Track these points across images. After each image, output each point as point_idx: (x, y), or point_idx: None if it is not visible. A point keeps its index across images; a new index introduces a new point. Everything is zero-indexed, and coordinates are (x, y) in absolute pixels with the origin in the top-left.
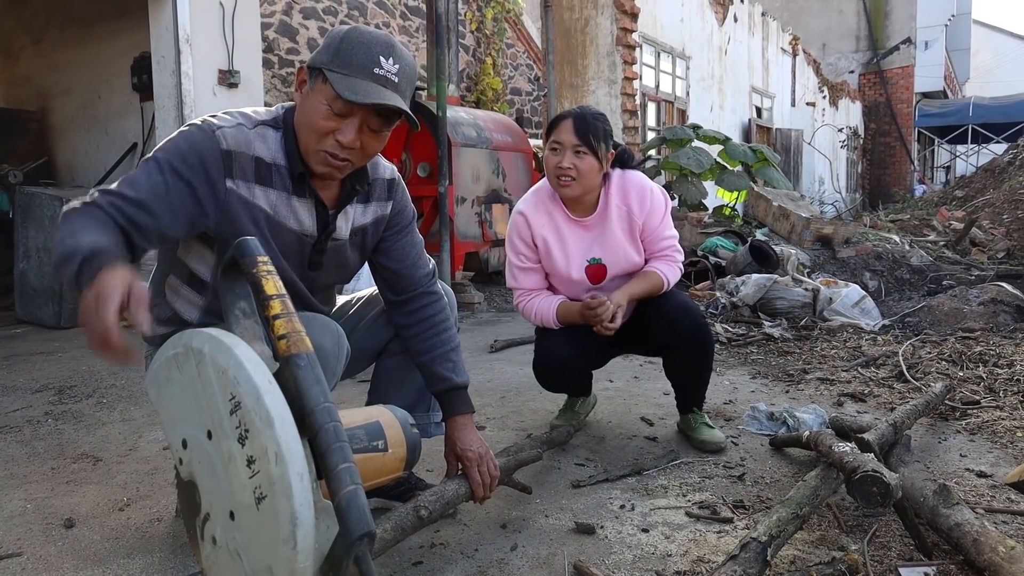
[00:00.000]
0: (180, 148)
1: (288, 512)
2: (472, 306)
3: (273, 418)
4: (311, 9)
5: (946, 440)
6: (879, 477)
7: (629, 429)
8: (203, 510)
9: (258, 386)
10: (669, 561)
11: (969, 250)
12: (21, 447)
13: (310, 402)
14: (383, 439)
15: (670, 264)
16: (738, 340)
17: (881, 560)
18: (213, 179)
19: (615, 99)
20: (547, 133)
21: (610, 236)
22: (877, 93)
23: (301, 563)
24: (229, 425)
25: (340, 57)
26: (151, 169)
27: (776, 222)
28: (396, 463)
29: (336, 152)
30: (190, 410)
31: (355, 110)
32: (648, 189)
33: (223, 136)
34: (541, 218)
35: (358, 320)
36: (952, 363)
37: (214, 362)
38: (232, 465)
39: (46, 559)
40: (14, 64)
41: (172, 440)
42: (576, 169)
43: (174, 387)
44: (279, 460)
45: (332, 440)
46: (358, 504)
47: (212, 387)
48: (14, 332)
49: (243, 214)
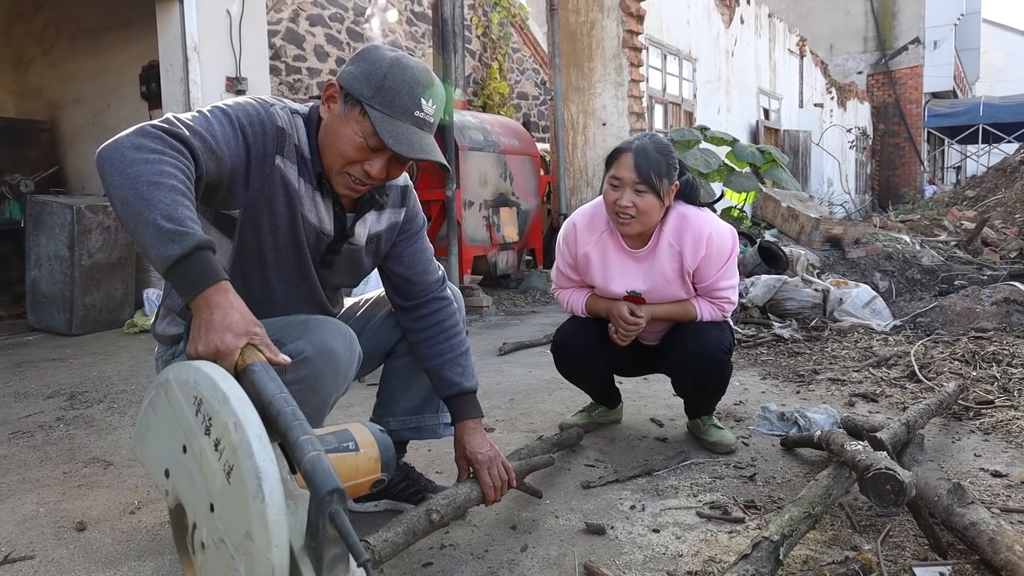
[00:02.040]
0: (249, 112)
1: (252, 469)
2: (480, 309)
3: (228, 396)
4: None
5: (960, 440)
6: (893, 475)
7: (639, 430)
8: (190, 523)
9: (213, 377)
10: (680, 561)
11: (981, 250)
12: (33, 452)
13: (267, 395)
14: (353, 441)
15: (715, 308)
16: (748, 341)
17: (895, 560)
18: (267, 152)
19: (622, 101)
20: (607, 164)
21: (656, 272)
22: (886, 94)
23: (273, 515)
24: (196, 425)
25: (382, 95)
26: (223, 119)
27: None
28: (371, 463)
29: (361, 179)
30: (167, 438)
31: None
32: (706, 236)
33: (277, 114)
34: (591, 235)
35: (366, 321)
36: (965, 363)
37: (178, 379)
38: (204, 459)
39: (58, 562)
40: (25, 75)
41: (158, 479)
42: (636, 208)
43: (152, 431)
44: (237, 427)
45: (291, 419)
46: (322, 465)
47: (179, 403)
48: (26, 339)
49: (280, 192)
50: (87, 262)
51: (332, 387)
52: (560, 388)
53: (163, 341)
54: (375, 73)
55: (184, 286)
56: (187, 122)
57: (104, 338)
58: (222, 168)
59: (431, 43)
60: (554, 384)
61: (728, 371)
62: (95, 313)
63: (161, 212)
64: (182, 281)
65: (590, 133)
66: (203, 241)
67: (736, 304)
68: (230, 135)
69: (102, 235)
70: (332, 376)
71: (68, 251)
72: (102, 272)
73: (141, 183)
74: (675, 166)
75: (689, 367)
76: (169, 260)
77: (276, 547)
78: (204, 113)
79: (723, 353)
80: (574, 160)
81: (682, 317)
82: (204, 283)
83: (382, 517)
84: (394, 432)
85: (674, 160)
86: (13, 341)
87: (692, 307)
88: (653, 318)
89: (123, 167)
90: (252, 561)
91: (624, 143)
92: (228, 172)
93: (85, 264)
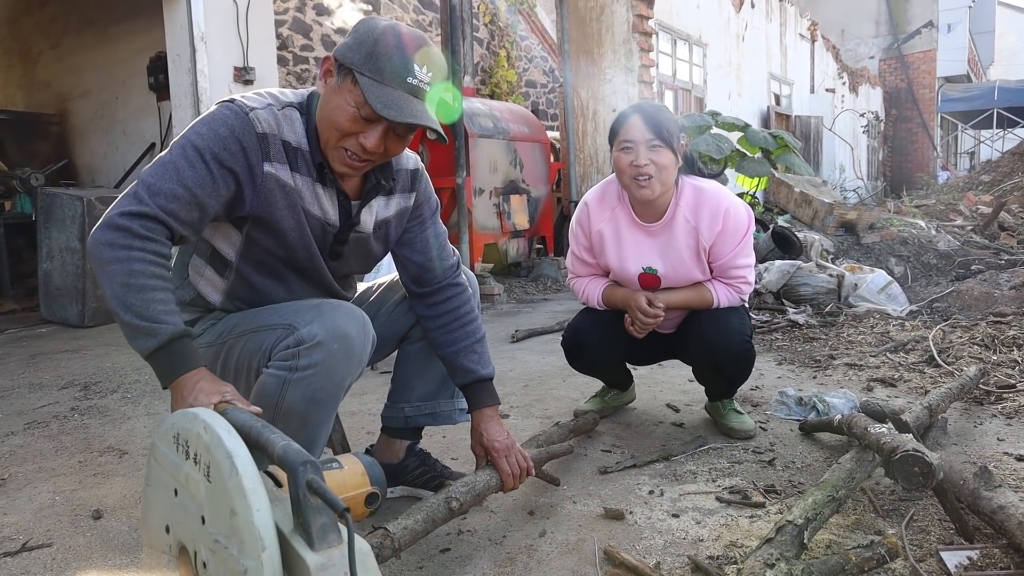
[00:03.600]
0: (220, 135)
1: (223, 453)
2: (492, 297)
3: (198, 414)
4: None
5: (982, 424)
6: (921, 456)
7: (655, 415)
8: (191, 558)
9: (187, 412)
10: (701, 546)
11: (998, 234)
12: (49, 441)
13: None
14: (336, 461)
15: (731, 291)
16: (762, 327)
17: (920, 544)
18: (252, 164)
19: (632, 87)
20: (612, 136)
21: (672, 249)
22: (898, 78)
23: (248, 484)
24: (178, 457)
25: (373, 61)
26: (193, 158)
27: (798, 208)
28: (357, 476)
29: (357, 153)
30: (162, 491)
31: (383, 118)
32: (723, 210)
33: (257, 119)
34: (603, 213)
35: (380, 306)
36: (984, 347)
37: (159, 435)
38: (190, 482)
39: (75, 549)
40: (33, 69)
41: (161, 543)
42: (655, 165)
43: (150, 505)
44: (207, 428)
45: (263, 430)
46: (292, 447)
47: (164, 454)
48: (39, 332)
49: (279, 197)
50: None
51: (346, 371)
52: (574, 374)
53: None
54: (366, 40)
55: (161, 372)
56: (156, 186)
57: (116, 330)
58: (207, 209)
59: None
60: (568, 371)
61: (752, 357)
62: (107, 305)
63: (135, 313)
64: (159, 368)
65: (600, 119)
66: (175, 333)
67: (753, 286)
68: (203, 175)
69: None
70: (346, 360)
71: (79, 243)
72: None
73: (117, 285)
74: (678, 123)
75: (712, 358)
76: (146, 352)
77: (257, 511)
78: (173, 160)
79: (746, 341)
80: (584, 147)
81: (699, 303)
82: (180, 370)
83: (399, 504)
84: (409, 418)
85: (675, 119)
86: (27, 333)
87: (708, 292)
88: (670, 306)
89: (102, 265)
90: (240, 534)
91: (623, 112)
92: (218, 205)
93: None
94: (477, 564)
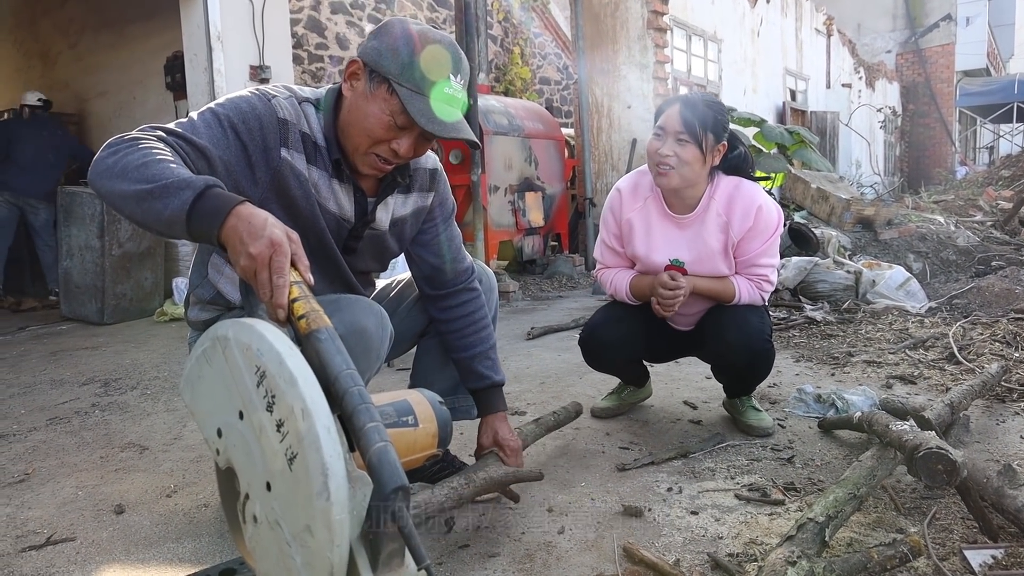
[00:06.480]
0: (241, 108)
1: (319, 464)
2: (507, 295)
3: (296, 377)
4: (339, 4)
5: (1004, 422)
6: (944, 454)
7: (672, 413)
8: (242, 492)
9: (280, 351)
10: (721, 543)
11: (1019, 230)
12: (71, 437)
13: (333, 370)
14: (412, 415)
15: (753, 287)
16: (780, 324)
17: (943, 543)
18: (269, 146)
19: (647, 83)
20: (655, 117)
21: (702, 242)
22: (915, 73)
23: (337, 515)
24: (257, 397)
25: (410, 72)
26: (210, 120)
27: (815, 204)
28: (428, 439)
29: (388, 158)
30: (221, 398)
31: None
32: (756, 207)
33: (279, 105)
34: (635, 201)
35: (399, 302)
36: (1006, 344)
37: (238, 342)
38: (263, 436)
39: (99, 543)
40: (52, 69)
41: (208, 434)
42: (677, 157)
43: (205, 383)
44: (305, 415)
45: (358, 402)
46: (389, 459)
47: (239, 366)
48: (60, 329)
49: (295, 185)
50: (117, 252)
51: (364, 366)
52: (590, 371)
53: (196, 327)
54: (400, 48)
55: (208, 221)
56: (169, 128)
57: (135, 326)
58: (213, 166)
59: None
60: (584, 367)
61: (772, 357)
62: (126, 302)
63: (161, 178)
64: (204, 220)
65: (615, 116)
66: (210, 181)
67: (774, 285)
68: (218, 135)
69: (131, 225)
70: (364, 355)
71: (99, 241)
72: (132, 261)
73: (130, 173)
74: (725, 125)
75: (732, 358)
76: (185, 206)
77: (337, 547)
78: (191, 117)
79: (766, 341)
80: (599, 144)
81: (721, 295)
82: (227, 207)
83: None
84: None
85: (724, 119)
86: (47, 330)
87: (731, 286)
88: (693, 291)
89: (110, 172)
90: (311, 555)
91: (670, 98)
92: (223, 170)
93: (115, 254)
94: (496, 560)
